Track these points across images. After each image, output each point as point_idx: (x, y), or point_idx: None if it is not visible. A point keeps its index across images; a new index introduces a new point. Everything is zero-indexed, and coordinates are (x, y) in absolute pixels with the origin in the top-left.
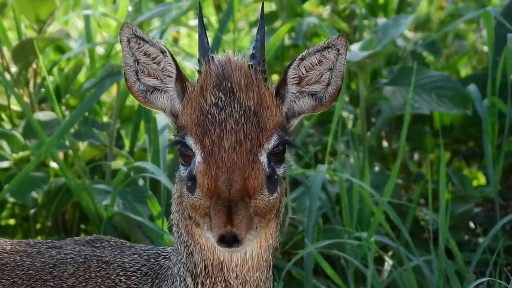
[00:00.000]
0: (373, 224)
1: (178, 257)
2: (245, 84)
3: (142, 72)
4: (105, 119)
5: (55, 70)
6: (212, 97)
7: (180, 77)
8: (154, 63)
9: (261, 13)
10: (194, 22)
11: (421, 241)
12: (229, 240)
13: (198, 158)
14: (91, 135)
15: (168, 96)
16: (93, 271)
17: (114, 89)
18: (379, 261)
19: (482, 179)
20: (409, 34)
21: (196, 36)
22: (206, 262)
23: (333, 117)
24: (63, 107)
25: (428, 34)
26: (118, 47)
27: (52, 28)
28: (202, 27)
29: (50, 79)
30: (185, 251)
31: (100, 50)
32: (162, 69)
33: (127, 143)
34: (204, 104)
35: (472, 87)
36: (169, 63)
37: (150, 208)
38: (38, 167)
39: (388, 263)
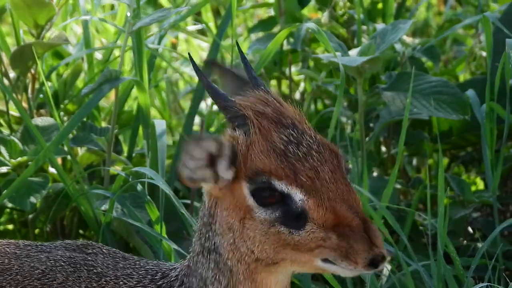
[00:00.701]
0: None
1: None
2: (298, 117)
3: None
4: (103, 124)
5: (53, 75)
6: (283, 136)
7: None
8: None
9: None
10: (192, 27)
11: (419, 246)
12: (380, 261)
13: (299, 196)
14: (89, 141)
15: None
16: (83, 282)
17: (112, 94)
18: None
19: (480, 184)
20: (408, 39)
21: (194, 41)
22: None
23: (331, 122)
24: (62, 113)
25: (427, 39)
26: (116, 52)
27: (51, 34)
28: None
29: (48, 84)
30: None
31: (98, 56)
32: (210, 152)
33: (125, 148)
34: (277, 144)
35: (470, 93)
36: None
37: (148, 213)
38: (36, 173)
39: (387, 268)
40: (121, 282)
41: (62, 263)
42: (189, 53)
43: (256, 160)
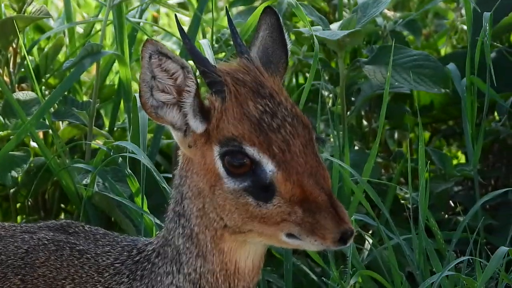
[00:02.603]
0: (353, 203)
1: (175, 267)
2: (277, 88)
3: (156, 88)
4: (85, 98)
5: (35, 49)
6: (259, 105)
7: (198, 93)
8: (170, 78)
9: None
10: (173, 1)
11: (401, 220)
12: (348, 236)
13: (269, 167)
14: (71, 115)
15: (180, 112)
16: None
17: (93, 68)
18: (359, 240)
19: (462, 158)
20: (389, 13)
21: (176, 15)
22: (222, 271)
23: (309, 95)
24: (43, 87)
25: (408, 13)
26: (97, 26)
27: (32, 8)
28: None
29: (30, 58)
30: (195, 261)
31: (80, 30)
32: (178, 85)
33: (106, 122)
34: (252, 112)
35: (451, 66)
36: (191, 79)
37: (130, 187)
38: (17, 147)
39: (368, 242)
40: (100, 260)
41: (46, 242)
42: (175, 15)
43: (229, 125)
